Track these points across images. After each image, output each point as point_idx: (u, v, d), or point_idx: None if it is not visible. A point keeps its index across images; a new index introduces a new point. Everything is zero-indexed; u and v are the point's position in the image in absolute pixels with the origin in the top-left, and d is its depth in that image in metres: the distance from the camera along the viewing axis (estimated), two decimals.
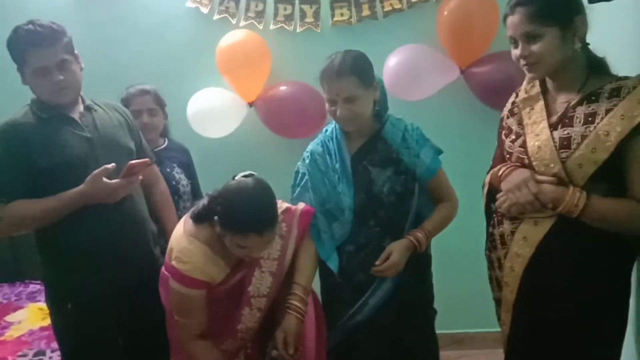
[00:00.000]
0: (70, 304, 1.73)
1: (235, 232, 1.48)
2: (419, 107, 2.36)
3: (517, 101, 1.57)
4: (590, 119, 1.35)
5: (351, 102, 1.62)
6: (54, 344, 2.04)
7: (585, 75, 1.41)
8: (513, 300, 1.52)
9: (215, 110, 2.47)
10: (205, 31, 2.51)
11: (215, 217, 1.51)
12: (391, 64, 2.37)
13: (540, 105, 1.49)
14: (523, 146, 1.49)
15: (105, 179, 1.64)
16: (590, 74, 1.41)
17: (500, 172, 1.53)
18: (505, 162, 1.56)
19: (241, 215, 1.47)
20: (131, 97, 2.14)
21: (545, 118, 1.45)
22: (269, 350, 1.67)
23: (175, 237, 1.59)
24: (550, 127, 1.43)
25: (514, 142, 1.53)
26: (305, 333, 1.66)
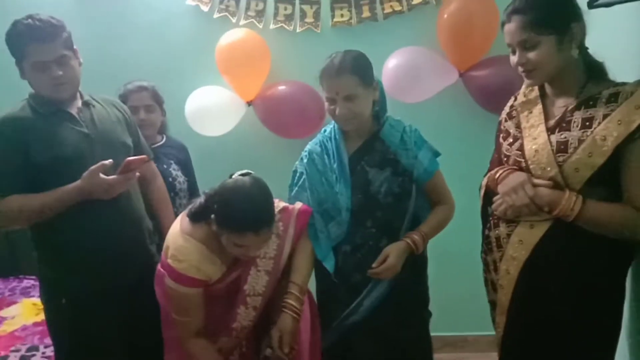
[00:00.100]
0: (65, 300, 1.73)
1: (231, 231, 1.48)
2: (418, 109, 2.37)
3: (516, 105, 1.57)
4: (588, 124, 1.36)
5: (351, 100, 1.62)
6: (47, 340, 2.04)
7: (583, 79, 1.42)
8: (508, 303, 1.53)
9: (213, 108, 2.47)
10: (205, 29, 2.52)
11: (212, 216, 1.51)
12: (390, 65, 2.37)
13: (538, 109, 1.49)
14: (520, 149, 1.49)
15: (102, 175, 1.64)
16: (588, 79, 1.41)
17: (497, 175, 1.53)
18: (503, 165, 1.57)
19: (238, 214, 1.47)
20: (129, 93, 2.14)
21: (543, 122, 1.46)
22: (263, 349, 1.68)
23: (172, 235, 1.59)
24: (548, 131, 1.43)
25: (511, 145, 1.54)
26: (300, 332, 1.66)
